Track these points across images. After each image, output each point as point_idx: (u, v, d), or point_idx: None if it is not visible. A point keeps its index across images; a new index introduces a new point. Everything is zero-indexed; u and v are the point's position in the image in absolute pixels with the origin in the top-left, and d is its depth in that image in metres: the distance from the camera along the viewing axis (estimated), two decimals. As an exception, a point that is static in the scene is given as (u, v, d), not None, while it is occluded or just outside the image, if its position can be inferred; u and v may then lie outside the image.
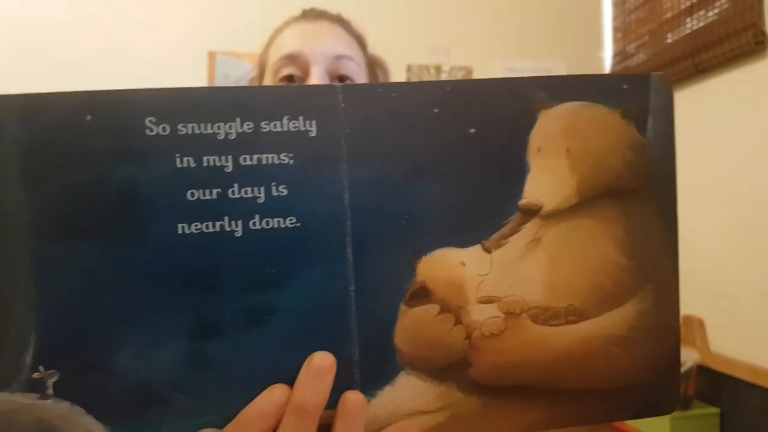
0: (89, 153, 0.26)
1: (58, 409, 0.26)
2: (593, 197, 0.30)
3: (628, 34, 2.06)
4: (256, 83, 0.71)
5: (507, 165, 0.29)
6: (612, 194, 0.30)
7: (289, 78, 0.63)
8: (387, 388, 0.29)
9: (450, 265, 0.29)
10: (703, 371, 1.56)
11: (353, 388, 0.28)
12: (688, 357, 1.50)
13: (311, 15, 0.69)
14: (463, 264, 0.29)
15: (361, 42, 0.70)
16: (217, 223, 0.27)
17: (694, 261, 1.52)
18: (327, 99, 0.28)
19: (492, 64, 2.22)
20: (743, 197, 1.50)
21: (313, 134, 0.28)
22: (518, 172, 0.29)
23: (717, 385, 1.54)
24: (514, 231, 0.29)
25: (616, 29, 2.14)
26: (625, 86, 0.30)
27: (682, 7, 1.77)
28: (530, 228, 0.29)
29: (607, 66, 2.18)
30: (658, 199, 0.31)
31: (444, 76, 2.21)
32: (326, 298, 0.28)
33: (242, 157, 0.27)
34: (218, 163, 0.27)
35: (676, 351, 0.32)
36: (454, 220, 0.29)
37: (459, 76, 2.22)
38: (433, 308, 0.29)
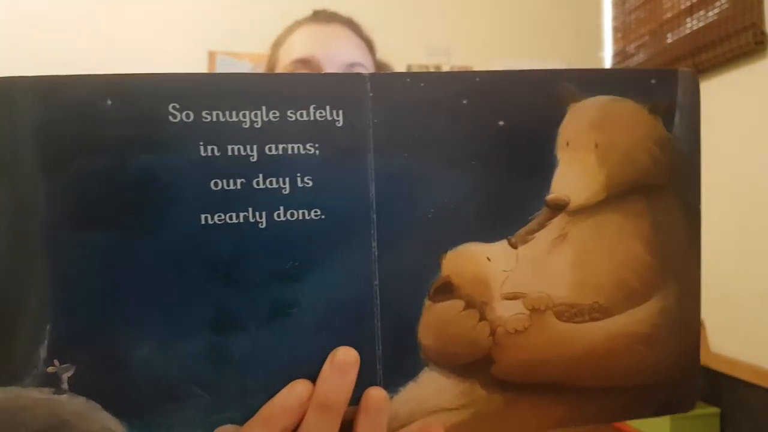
0: (109, 139, 0.25)
1: (73, 404, 0.25)
2: (620, 193, 0.30)
3: (628, 34, 2.06)
4: None
5: (535, 158, 0.29)
6: (639, 190, 0.30)
7: None
8: (410, 385, 0.29)
9: (475, 261, 0.29)
10: (703, 371, 1.55)
11: (376, 384, 0.28)
12: (689, 357, 1.50)
13: (323, 17, 0.68)
14: (489, 259, 0.29)
15: (370, 46, 0.70)
16: (241, 214, 0.26)
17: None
18: (355, 88, 0.27)
19: (492, 64, 2.21)
20: (743, 197, 1.50)
21: (340, 124, 0.27)
22: (546, 165, 0.29)
23: (717, 385, 1.55)
24: (541, 226, 0.29)
25: (616, 29, 2.14)
26: (653, 81, 0.30)
27: (682, 7, 1.77)
28: (557, 223, 0.29)
29: (607, 66, 2.18)
30: (684, 195, 0.30)
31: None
32: (350, 292, 0.27)
33: (267, 146, 0.26)
34: (243, 153, 0.26)
35: (696, 347, 0.31)
36: (480, 215, 0.29)
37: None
38: (457, 304, 0.29)
